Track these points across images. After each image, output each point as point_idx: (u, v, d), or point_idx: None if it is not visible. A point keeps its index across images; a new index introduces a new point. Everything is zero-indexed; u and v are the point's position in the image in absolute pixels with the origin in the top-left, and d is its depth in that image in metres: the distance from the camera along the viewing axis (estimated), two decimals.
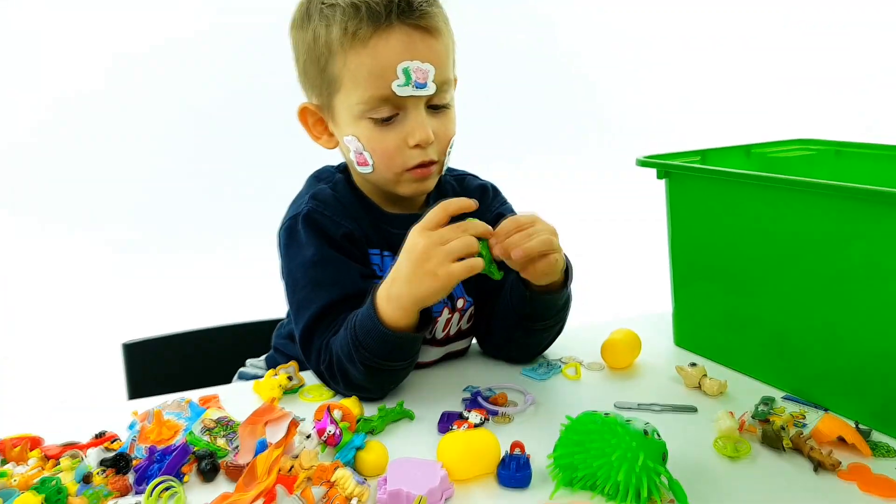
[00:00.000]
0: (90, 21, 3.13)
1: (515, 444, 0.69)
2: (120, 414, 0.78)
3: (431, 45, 0.83)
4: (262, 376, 1.06)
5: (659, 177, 0.92)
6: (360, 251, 0.88)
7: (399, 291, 0.76)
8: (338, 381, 0.83)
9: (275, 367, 1.06)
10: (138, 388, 1.14)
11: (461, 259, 0.73)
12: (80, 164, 3.21)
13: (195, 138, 3.27)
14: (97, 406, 0.87)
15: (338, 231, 0.87)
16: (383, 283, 0.79)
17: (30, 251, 3.04)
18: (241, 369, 1.09)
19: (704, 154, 1.00)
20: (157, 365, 1.16)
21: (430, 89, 0.83)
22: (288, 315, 1.00)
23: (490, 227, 0.77)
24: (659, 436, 0.63)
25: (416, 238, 0.75)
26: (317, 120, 0.91)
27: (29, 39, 3.11)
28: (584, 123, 3.71)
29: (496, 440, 0.69)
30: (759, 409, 0.76)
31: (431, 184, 0.90)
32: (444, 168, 0.91)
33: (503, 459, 0.67)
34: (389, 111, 0.84)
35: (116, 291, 2.82)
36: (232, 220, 3.11)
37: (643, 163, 0.92)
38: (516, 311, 0.87)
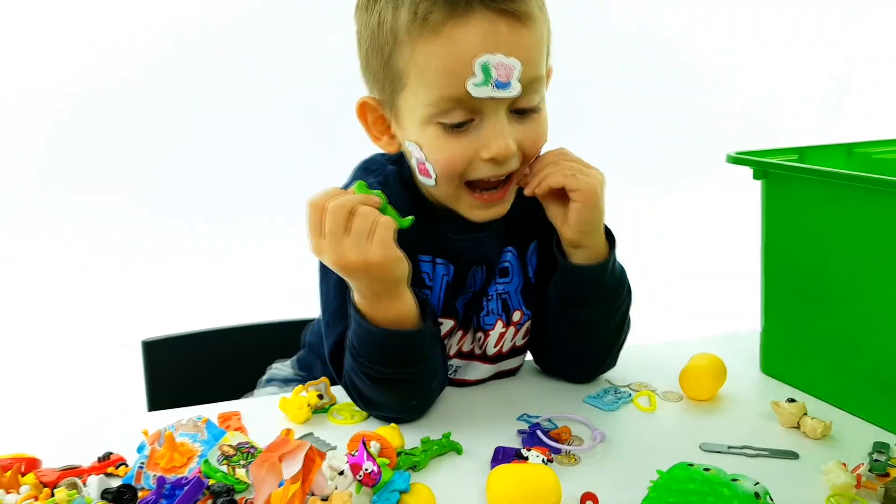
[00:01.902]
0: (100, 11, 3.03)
1: (588, 496, 0.58)
2: (130, 427, 0.69)
3: (520, 35, 0.68)
4: (291, 379, 0.98)
5: (756, 177, 0.79)
6: (408, 259, 0.77)
7: (358, 286, 0.69)
8: (357, 401, 0.76)
9: (305, 367, 0.97)
10: (158, 388, 1.07)
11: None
12: (98, 155, 3.13)
13: (220, 128, 3.14)
14: (105, 418, 0.78)
15: None
16: None
17: (48, 246, 2.95)
18: (270, 370, 1.00)
19: (802, 152, 0.86)
20: (179, 364, 1.08)
21: (514, 90, 0.68)
22: None
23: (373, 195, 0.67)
24: (772, 500, 0.51)
25: (318, 251, 0.67)
26: (377, 118, 0.77)
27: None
28: (665, 118, 3.45)
29: (557, 481, 0.58)
30: (876, 461, 0.63)
31: (504, 208, 0.75)
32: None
33: None
34: (462, 116, 0.69)
35: (137, 286, 2.69)
36: (266, 211, 2.97)
37: (735, 159, 0.80)
38: (556, 293, 0.77)
